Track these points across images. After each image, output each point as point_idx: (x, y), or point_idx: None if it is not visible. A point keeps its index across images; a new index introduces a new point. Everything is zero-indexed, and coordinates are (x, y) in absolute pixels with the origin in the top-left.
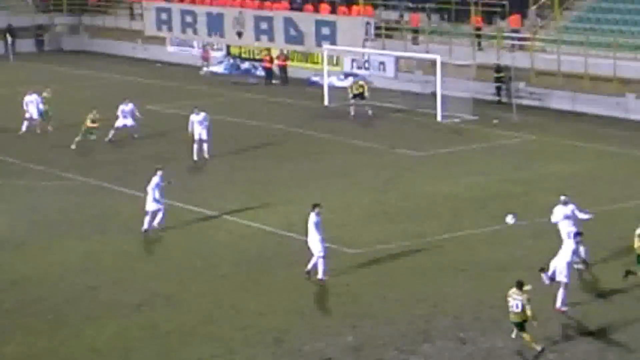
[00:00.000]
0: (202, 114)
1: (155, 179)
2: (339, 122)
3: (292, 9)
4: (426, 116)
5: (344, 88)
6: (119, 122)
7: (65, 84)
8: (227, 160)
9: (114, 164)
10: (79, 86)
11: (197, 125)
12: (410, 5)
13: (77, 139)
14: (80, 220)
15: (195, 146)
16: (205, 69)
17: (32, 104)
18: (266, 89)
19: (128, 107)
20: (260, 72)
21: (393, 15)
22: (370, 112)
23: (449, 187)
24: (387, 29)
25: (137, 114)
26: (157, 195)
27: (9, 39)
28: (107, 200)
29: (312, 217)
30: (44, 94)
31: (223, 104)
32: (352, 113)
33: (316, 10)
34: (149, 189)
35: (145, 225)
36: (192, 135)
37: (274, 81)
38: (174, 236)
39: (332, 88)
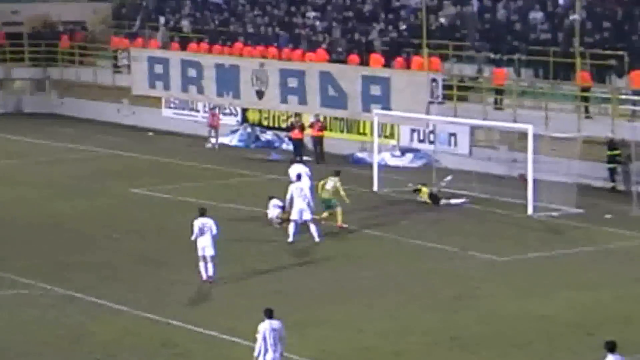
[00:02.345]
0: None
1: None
2: (393, 215)
3: (331, 60)
4: (512, 208)
5: (401, 169)
6: None
7: (26, 158)
8: (240, 264)
9: (87, 267)
10: (44, 162)
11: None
12: (492, 55)
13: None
14: (40, 342)
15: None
16: (213, 140)
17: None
18: None
19: None
20: (288, 146)
21: (469, 69)
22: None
23: (541, 305)
24: (460, 88)
25: None
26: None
27: None
28: (77, 316)
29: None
30: (337, 184)
31: (237, 187)
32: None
33: (364, 62)
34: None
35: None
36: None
37: (305, 158)
38: None
39: (384, 168)
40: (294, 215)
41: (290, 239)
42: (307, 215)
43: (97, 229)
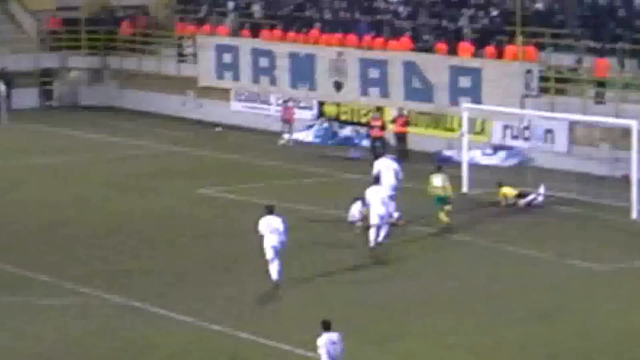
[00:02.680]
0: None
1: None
2: (484, 219)
3: (416, 49)
4: (615, 212)
5: (492, 167)
6: None
7: (82, 155)
8: (315, 271)
9: (149, 274)
10: (102, 159)
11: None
12: (593, 44)
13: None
14: (98, 356)
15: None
16: (286, 136)
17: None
18: None
19: None
20: (368, 142)
21: (567, 59)
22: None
23: None
24: (558, 80)
25: None
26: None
27: (3, 88)
28: (139, 328)
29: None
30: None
31: (312, 188)
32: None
33: (452, 51)
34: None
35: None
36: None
37: (387, 155)
38: None
39: (474, 167)
40: (373, 220)
41: (372, 244)
42: (384, 220)
43: (160, 232)
